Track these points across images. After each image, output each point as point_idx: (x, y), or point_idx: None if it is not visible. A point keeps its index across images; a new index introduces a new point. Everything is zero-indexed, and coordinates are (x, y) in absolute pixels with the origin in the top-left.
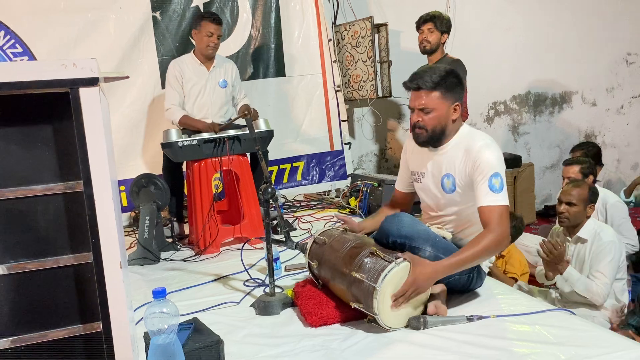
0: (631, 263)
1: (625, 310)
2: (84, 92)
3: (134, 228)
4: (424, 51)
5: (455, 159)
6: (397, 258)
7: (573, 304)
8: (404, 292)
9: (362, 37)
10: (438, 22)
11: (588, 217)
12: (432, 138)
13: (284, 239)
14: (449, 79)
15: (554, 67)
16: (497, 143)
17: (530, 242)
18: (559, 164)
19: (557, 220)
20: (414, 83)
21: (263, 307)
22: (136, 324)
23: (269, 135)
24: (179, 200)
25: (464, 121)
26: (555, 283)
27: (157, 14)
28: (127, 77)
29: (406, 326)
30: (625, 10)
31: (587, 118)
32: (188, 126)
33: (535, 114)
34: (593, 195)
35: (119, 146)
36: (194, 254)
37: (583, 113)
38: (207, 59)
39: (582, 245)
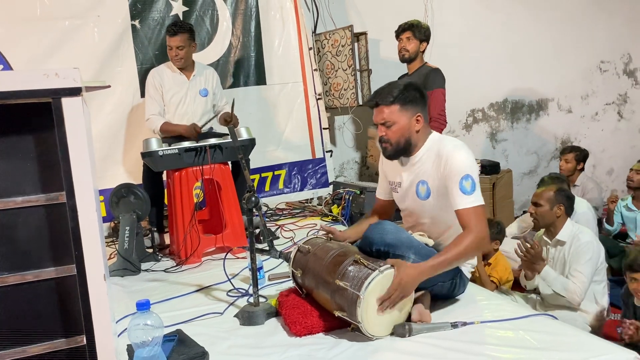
0: (610, 267)
1: (605, 314)
2: (67, 102)
3: (114, 239)
4: (403, 59)
5: (427, 165)
6: (381, 266)
7: (554, 307)
8: (389, 295)
9: (342, 46)
10: (416, 31)
11: (558, 217)
12: (398, 151)
13: (267, 248)
14: (407, 92)
15: (531, 75)
16: (473, 149)
17: (510, 248)
18: (536, 170)
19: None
20: (373, 101)
21: (247, 318)
22: (118, 336)
23: (251, 143)
24: (159, 210)
25: (441, 130)
26: (536, 288)
27: (136, 23)
28: (109, 86)
29: (391, 334)
30: (598, 20)
31: (563, 125)
32: (169, 132)
33: (513, 121)
34: (560, 196)
35: (97, 155)
36: (175, 264)
37: (559, 120)
38: (183, 68)
39: (561, 248)
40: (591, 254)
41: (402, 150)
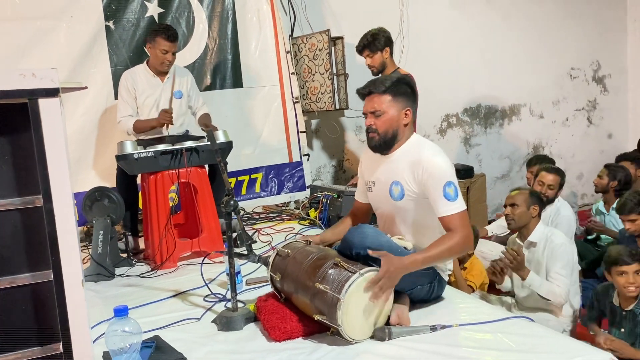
0: (581, 269)
1: (578, 315)
2: (44, 103)
3: (86, 243)
4: (374, 74)
5: (403, 167)
6: (361, 269)
7: (528, 309)
8: (377, 280)
9: (319, 50)
10: (372, 46)
11: (534, 217)
12: (385, 142)
13: (245, 252)
14: (400, 85)
15: (504, 81)
16: (448, 154)
17: (485, 249)
18: (509, 174)
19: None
20: (366, 89)
21: (225, 323)
22: (93, 342)
23: (228, 146)
24: (133, 214)
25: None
26: (510, 291)
27: (111, 24)
28: (85, 87)
29: (371, 337)
30: (569, 28)
31: (535, 130)
32: (143, 129)
33: (486, 126)
34: (535, 197)
35: (70, 158)
36: (150, 269)
37: (531, 125)
38: (162, 73)
39: (534, 249)
40: (567, 255)
41: (389, 142)
